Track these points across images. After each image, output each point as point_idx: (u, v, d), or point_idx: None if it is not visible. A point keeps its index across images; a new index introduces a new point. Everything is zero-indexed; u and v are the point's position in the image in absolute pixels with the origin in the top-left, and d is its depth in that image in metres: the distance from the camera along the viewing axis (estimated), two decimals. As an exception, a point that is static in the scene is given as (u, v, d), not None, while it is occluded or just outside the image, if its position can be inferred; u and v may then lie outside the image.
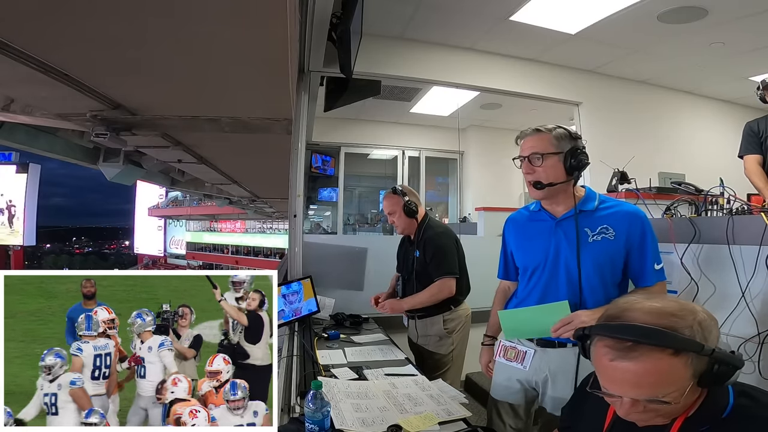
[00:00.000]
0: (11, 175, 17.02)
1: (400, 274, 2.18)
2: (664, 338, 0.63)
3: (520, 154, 1.26)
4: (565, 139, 1.22)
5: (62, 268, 1.29)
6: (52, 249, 61.44)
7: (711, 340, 0.65)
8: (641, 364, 0.64)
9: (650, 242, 1.22)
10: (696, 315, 0.66)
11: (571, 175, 1.22)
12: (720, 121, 4.31)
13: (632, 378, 0.65)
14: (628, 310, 0.69)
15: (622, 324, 0.67)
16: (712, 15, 2.77)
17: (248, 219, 21.97)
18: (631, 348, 0.64)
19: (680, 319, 0.65)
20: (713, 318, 0.68)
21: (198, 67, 2.28)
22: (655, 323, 0.65)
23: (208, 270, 20.38)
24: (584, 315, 1.12)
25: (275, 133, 3.34)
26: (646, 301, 0.70)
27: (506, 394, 1.37)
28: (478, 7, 2.79)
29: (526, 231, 1.35)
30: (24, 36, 1.85)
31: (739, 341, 1.42)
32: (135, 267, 28.58)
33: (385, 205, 2.13)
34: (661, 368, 0.63)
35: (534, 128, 1.25)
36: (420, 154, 5.53)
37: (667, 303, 0.69)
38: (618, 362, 0.66)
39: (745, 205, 1.68)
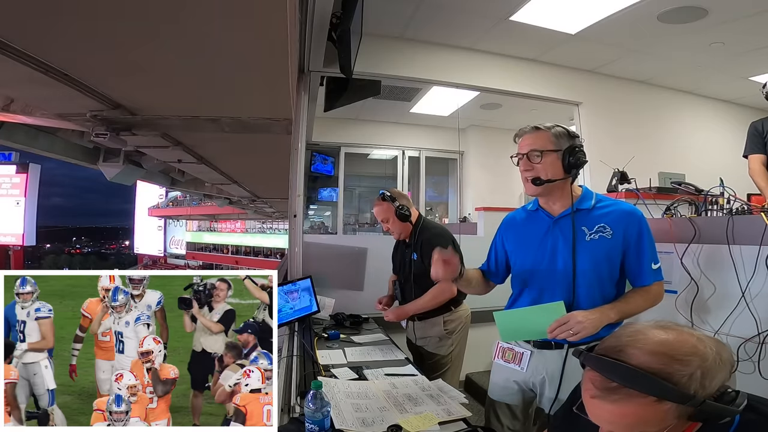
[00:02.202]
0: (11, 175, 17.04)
1: (397, 277, 2.17)
2: (651, 386, 0.61)
3: (519, 152, 1.26)
4: (563, 137, 1.23)
5: (62, 268, 1.29)
6: (52, 249, 61.45)
7: (711, 386, 0.62)
8: (620, 408, 0.62)
9: (647, 241, 1.22)
10: (704, 361, 0.62)
11: (568, 173, 1.23)
12: (720, 121, 4.31)
13: (609, 417, 0.64)
14: (629, 346, 0.65)
15: (613, 362, 0.64)
16: (712, 15, 2.77)
17: (248, 219, 21.98)
18: (613, 390, 0.63)
19: (682, 365, 0.62)
20: (726, 361, 0.64)
21: (198, 68, 2.28)
22: (651, 366, 0.62)
23: (208, 270, 20.38)
24: (580, 315, 1.12)
25: (275, 133, 3.35)
26: (657, 334, 0.66)
27: (504, 395, 1.38)
28: (478, 7, 2.79)
29: (523, 231, 1.35)
30: (24, 36, 1.85)
31: (739, 341, 1.42)
32: (135, 267, 28.57)
33: (376, 213, 2.07)
34: (639, 413, 0.62)
35: (533, 126, 1.26)
36: (420, 154, 5.53)
37: (679, 340, 0.64)
38: (597, 401, 0.65)
39: (745, 205, 1.68)
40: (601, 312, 1.15)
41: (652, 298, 1.22)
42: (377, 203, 2.05)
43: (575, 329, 1.11)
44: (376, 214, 2.07)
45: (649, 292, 1.22)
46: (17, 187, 17.25)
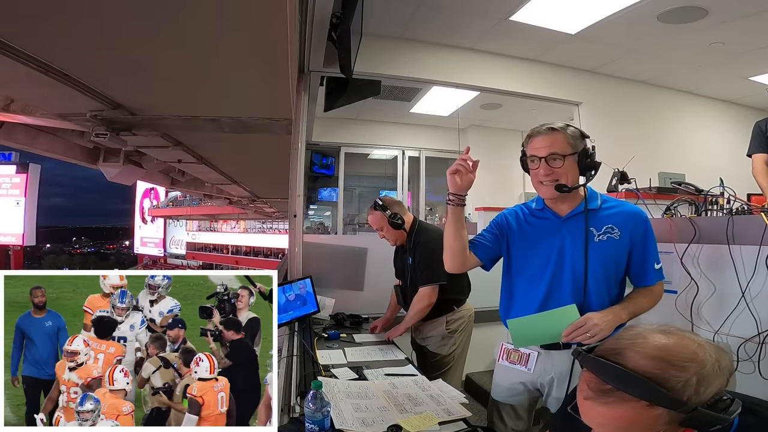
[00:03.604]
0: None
1: (400, 281, 2.16)
2: (644, 391, 0.61)
3: (535, 154, 1.20)
4: (578, 138, 1.20)
5: (62, 268, 1.29)
6: (52, 249, 61.45)
7: (706, 393, 0.62)
8: (611, 411, 0.63)
9: (652, 243, 1.22)
10: (702, 368, 0.62)
11: (584, 175, 1.22)
12: (720, 121, 4.31)
13: (600, 419, 0.65)
14: (628, 349, 0.65)
15: (609, 365, 0.64)
16: (712, 15, 2.77)
17: (248, 219, 21.97)
18: (607, 392, 0.63)
19: (679, 371, 0.62)
20: (724, 368, 0.64)
21: (198, 68, 2.29)
22: (647, 371, 0.62)
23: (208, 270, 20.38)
24: (596, 318, 1.11)
25: (275, 133, 3.35)
26: (658, 338, 0.65)
27: (508, 397, 1.36)
28: (478, 7, 2.79)
29: (529, 229, 1.32)
30: (24, 36, 1.86)
31: (739, 341, 1.42)
32: (135, 267, 28.56)
33: (370, 221, 2.07)
34: (631, 417, 0.62)
35: (548, 126, 1.20)
36: (420, 154, 5.53)
37: (679, 345, 0.64)
38: (590, 402, 0.65)
39: (745, 205, 1.68)
40: (615, 313, 1.14)
41: (656, 298, 1.23)
42: (370, 212, 2.05)
43: (592, 332, 1.10)
44: (371, 222, 2.08)
45: (653, 292, 1.23)
46: (17, 187, 17.24)
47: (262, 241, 22.54)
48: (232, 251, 24.41)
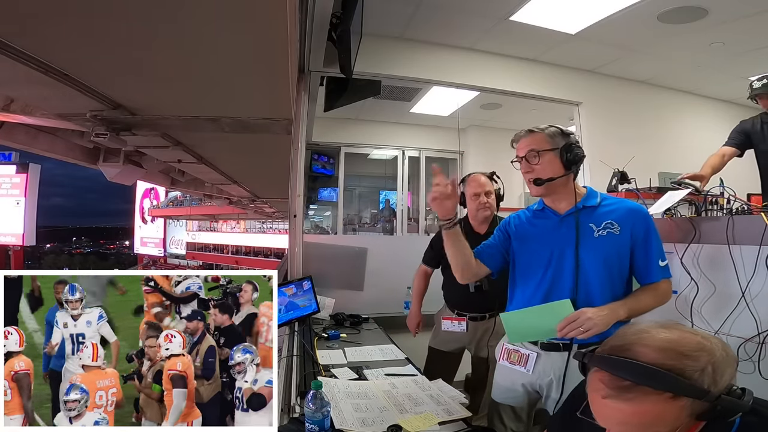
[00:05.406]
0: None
1: None
2: (666, 382, 0.59)
3: (517, 155, 1.30)
4: (558, 136, 1.25)
5: (62, 268, 1.29)
6: (52, 249, 61.44)
7: (722, 382, 0.61)
8: (634, 407, 0.61)
9: (654, 238, 1.22)
10: (713, 356, 0.62)
11: (569, 170, 1.24)
12: (720, 121, 4.29)
13: (621, 417, 0.62)
14: (636, 344, 0.64)
15: (624, 360, 0.63)
16: (712, 15, 2.77)
17: (248, 219, 21.97)
18: (627, 388, 0.61)
19: (693, 360, 0.61)
20: (731, 357, 0.64)
21: (198, 68, 2.28)
22: (662, 363, 0.61)
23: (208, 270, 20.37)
24: (590, 312, 1.11)
25: (275, 133, 3.35)
26: (661, 332, 0.65)
27: (508, 397, 1.36)
28: (478, 7, 2.79)
29: (530, 228, 1.34)
30: (24, 36, 1.85)
31: (739, 341, 1.42)
32: (135, 267, 28.56)
33: (482, 183, 2.05)
34: (655, 411, 0.60)
35: (527, 129, 1.29)
36: (420, 154, 5.53)
37: (684, 338, 0.64)
38: (609, 401, 0.62)
39: (745, 205, 1.68)
40: (611, 309, 1.13)
41: (661, 296, 1.22)
42: (478, 177, 2.06)
43: (585, 326, 1.09)
44: (483, 184, 2.06)
45: (658, 289, 1.22)
46: (17, 187, 17.23)
47: (262, 241, 22.52)
48: (232, 251, 24.40)
